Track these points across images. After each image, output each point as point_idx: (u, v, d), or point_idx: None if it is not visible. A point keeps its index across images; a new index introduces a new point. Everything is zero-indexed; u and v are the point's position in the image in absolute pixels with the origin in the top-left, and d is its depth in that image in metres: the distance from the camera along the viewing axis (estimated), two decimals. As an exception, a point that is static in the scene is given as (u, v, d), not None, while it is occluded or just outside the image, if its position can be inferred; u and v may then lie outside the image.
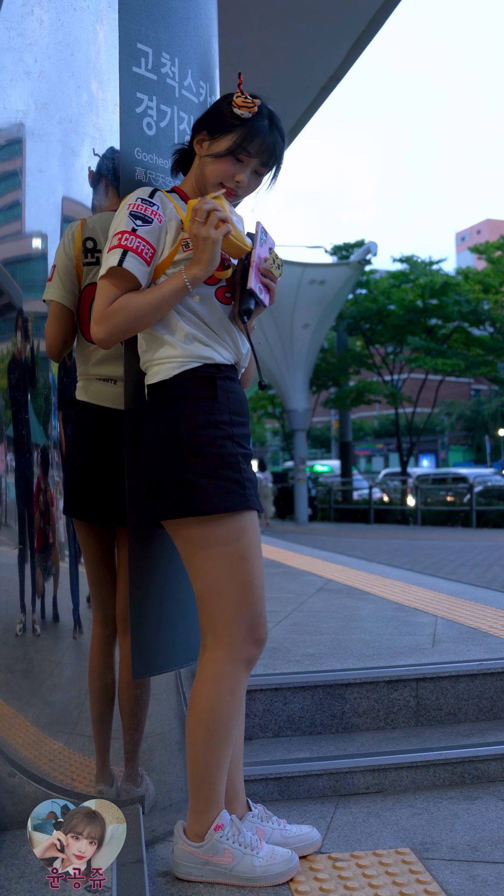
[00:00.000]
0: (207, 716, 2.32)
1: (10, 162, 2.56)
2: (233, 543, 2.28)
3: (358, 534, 18.01)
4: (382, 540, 15.69)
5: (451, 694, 3.51)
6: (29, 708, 2.54)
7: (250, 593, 2.31)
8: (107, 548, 2.56)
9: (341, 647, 4.03)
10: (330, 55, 8.19)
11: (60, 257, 2.53)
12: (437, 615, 5.02)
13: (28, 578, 2.56)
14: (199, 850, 2.32)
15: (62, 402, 2.57)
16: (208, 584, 2.30)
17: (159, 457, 2.28)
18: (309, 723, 3.39)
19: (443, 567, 9.80)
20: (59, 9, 2.57)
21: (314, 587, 6.51)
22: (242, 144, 2.31)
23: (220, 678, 2.31)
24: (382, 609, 5.36)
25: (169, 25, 2.70)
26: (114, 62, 2.59)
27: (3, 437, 2.58)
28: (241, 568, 2.29)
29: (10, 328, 2.57)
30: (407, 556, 11.48)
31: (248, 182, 2.39)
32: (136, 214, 2.26)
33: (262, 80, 8.35)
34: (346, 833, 2.69)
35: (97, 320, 2.23)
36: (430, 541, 15.13)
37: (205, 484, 2.25)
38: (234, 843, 2.33)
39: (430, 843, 2.59)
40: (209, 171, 2.35)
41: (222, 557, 2.28)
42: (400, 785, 3.05)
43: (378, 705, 3.45)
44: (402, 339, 25.73)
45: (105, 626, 2.56)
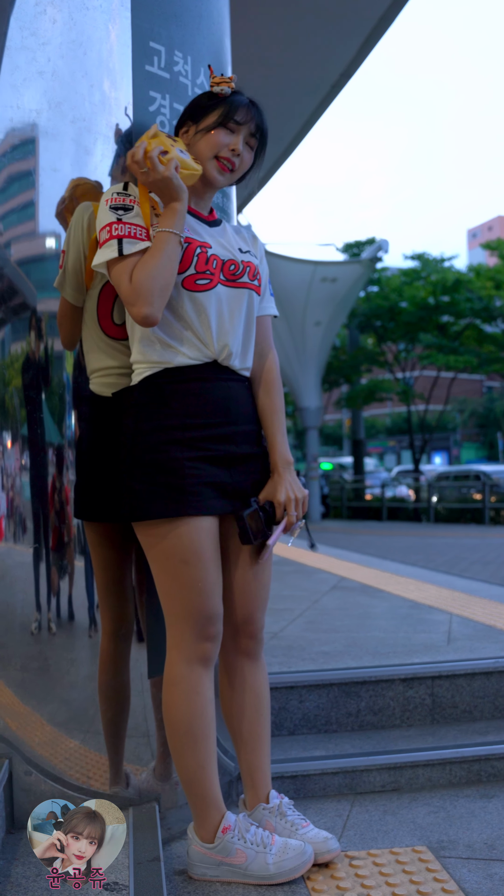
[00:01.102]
0: (175, 720, 2.33)
1: (23, 161, 2.56)
2: (172, 548, 2.29)
3: (371, 531, 17.99)
4: (395, 538, 15.67)
5: (467, 692, 3.51)
6: (45, 706, 2.55)
7: (196, 595, 2.30)
8: (120, 547, 2.54)
9: (356, 645, 4.02)
10: (340, 53, 8.18)
11: (71, 246, 2.45)
12: (452, 613, 5.01)
13: (43, 577, 2.56)
14: (211, 852, 2.32)
15: (77, 399, 2.57)
16: (158, 586, 2.35)
17: (120, 461, 2.36)
18: (324, 721, 3.38)
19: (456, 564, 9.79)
20: (71, 8, 2.56)
21: (328, 585, 6.50)
22: (229, 114, 2.34)
23: (179, 680, 2.32)
24: (397, 607, 5.36)
25: (182, 24, 2.70)
26: (126, 61, 2.59)
27: (19, 436, 2.58)
28: (183, 571, 2.29)
29: (25, 327, 2.57)
30: (420, 554, 11.46)
31: (243, 153, 2.39)
32: (115, 206, 2.29)
33: (273, 77, 8.34)
34: (362, 831, 2.68)
35: (131, 302, 2.21)
36: (443, 538, 15.10)
37: (140, 489, 2.30)
38: (245, 843, 2.32)
39: (447, 842, 2.59)
40: (202, 147, 2.35)
41: (163, 561, 2.31)
42: (416, 783, 3.05)
43: (393, 703, 3.45)
44: (414, 337, 25.68)
45: (117, 625, 2.56)
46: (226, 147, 2.35)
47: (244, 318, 2.40)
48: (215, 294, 2.33)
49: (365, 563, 8.39)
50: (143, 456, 2.30)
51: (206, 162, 2.35)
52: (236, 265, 2.38)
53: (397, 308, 25.33)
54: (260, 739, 2.52)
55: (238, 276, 2.38)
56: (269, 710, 2.54)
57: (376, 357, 27.14)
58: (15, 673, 2.56)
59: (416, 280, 25.42)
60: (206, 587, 2.31)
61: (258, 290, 2.45)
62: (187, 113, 2.40)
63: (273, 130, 2.44)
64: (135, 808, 2.54)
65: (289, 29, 7.51)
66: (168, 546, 2.29)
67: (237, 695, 2.52)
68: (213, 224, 2.46)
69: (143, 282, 2.20)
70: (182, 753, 2.33)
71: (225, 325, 2.35)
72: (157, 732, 2.60)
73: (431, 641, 4.08)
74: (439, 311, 24.96)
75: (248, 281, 2.40)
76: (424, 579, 6.77)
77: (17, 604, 2.57)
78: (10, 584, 2.59)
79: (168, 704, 2.34)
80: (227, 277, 2.36)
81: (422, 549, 12.46)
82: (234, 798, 2.85)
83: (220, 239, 2.42)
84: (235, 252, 2.41)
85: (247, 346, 2.43)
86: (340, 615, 5.05)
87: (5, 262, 2.59)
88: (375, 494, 25.17)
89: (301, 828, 2.45)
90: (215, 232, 2.44)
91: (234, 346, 2.37)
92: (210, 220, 2.46)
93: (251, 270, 2.42)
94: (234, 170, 2.39)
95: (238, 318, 2.38)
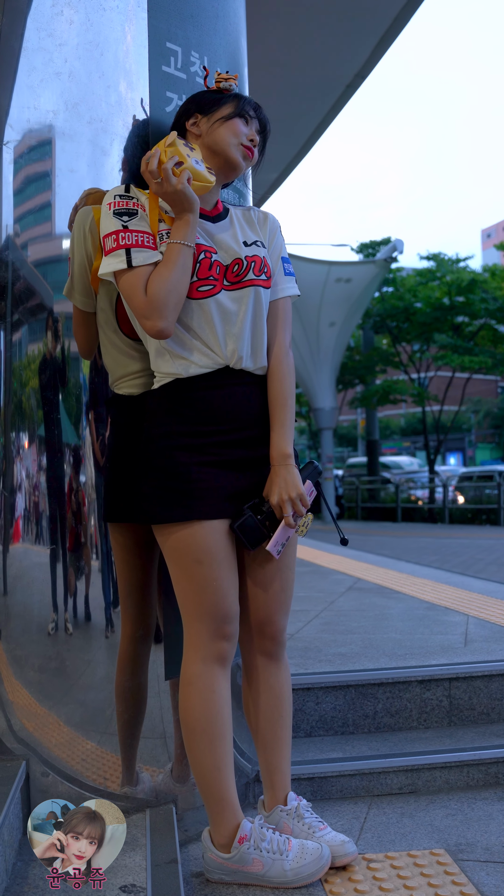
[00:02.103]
0: (191, 720, 2.33)
1: (40, 163, 2.56)
2: (186, 548, 2.31)
3: (385, 532, 17.95)
4: (410, 538, 15.63)
5: (485, 693, 3.49)
6: (62, 707, 2.55)
7: (210, 594, 2.31)
8: (144, 550, 2.54)
9: (373, 647, 4.01)
10: (355, 53, 8.19)
11: (75, 252, 2.44)
12: (469, 614, 4.99)
13: (60, 578, 2.56)
14: (228, 861, 2.31)
15: (94, 400, 2.57)
16: (174, 586, 2.36)
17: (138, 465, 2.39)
18: (341, 722, 3.37)
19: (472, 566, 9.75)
20: (88, 9, 2.57)
21: (344, 586, 6.49)
22: (245, 106, 2.38)
23: (195, 679, 2.32)
24: (413, 608, 5.34)
25: (198, 24, 2.69)
26: (142, 62, 2.59)
27: (35, 437, 2.58)
28: (198, 571, 2.30)
29: (42, 328, 2.57)
30: (435, 555, 11.42)
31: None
32: (119, 212, 2.27)
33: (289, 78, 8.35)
34: (379, 834, 2.67)
35: (145, 316, 2.20)
36: (458, 539, 15.05)
37: (150, 493, 2.33)
38: (262, 852, 2.31)
39: (465, 845, 2.57)
40: (225, 133, 2.35)
41: (178, 560, 2.32)
42: (433, 785, 3.03)
43: (411, 705, 3.44)
44: (428, 337, 25.59)
45: (137, 628, 2.56)
46: (245, 135, 2.36)
47: (251, 319, 2.36)
48: (217, 300, 2.31)
49: (380, 563, 8.37)
50: (153, 461, 2.32)
51: (231, 147, 2.35)
52: (240, 264, 2.34)
53: (412, 308, 25.25)
54: (279, 741, 2.51)
55: (241, 275, 2.34)
56: (290, 713, 2.53)
57: (391, 357, 27.07)
58: (32, 674, 2.56)
59: (431, 280, 25.34)
60: (221, 586, 2.31)
61: (264, 283, 2.39)
62: (194, 105, 2.40)
63: (288, 130, 2.45)
64: (152, 810, 2.54)
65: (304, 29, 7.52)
66: (181, 546, 2.30)
67: (257, 696, 2.51)
68: (217, 218, 2.42)
69: (159, 296, 2.19)
70: (197, 754, 2.32)
71: (231, 330, 2.33)
72: (175, 734, 2.60)
73: (448, 643, 4.07)
74: (454, 312, 24.87)
75: (254, 277, 2.36)
76: (440, 580, 6.74)
77: (34, 605, 2.57)
78: (27, 585, 2.59)
79: (184, 704, 2.33)
80: (230, 281, 2.34)
81: (437, 550, 12.42)
82: (252, 800, 2.84)
83: (223, 235, 2.38)
84: (239, 248, 2.37)
85: (257, 345, 2.39)
86: (356, 616, 5.03)
87: (22, 263, 2.59)
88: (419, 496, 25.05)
89: (318, 830, 2.44)
90: (220, 227, 2.40)
91: (243, 348, 2.35)
92: (214, 215, 2.42)
93: (257, 264, 2.37)
94: (252, 158, 2.40)
95: (244, 321, 2.34)
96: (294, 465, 2.37)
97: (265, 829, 2.35)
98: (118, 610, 2.56)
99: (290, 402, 2.41)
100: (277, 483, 2.33)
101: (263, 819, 2.50)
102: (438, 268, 25.51)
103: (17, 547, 2.60)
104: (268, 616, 2.46)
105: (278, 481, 2.33)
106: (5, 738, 2.56)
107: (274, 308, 2.46)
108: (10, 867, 2.20)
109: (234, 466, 2.34)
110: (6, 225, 2.60)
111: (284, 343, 2.45)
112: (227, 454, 2.33)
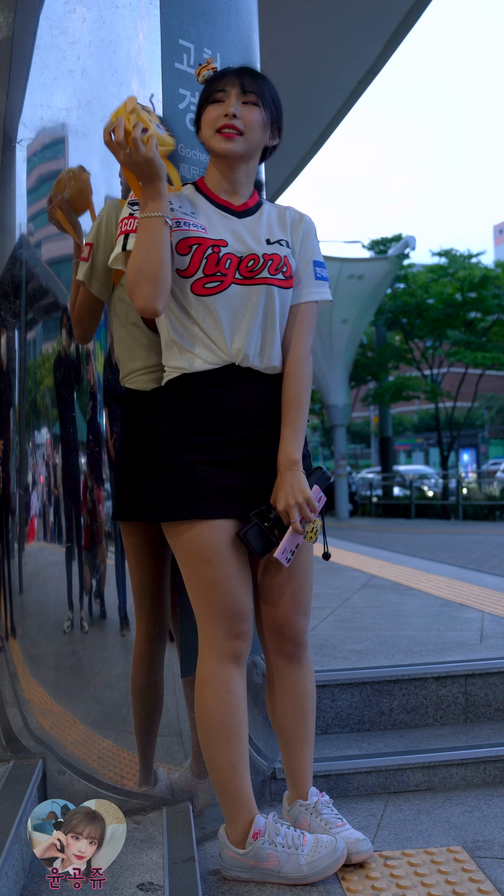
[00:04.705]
0: (206, 718, 2.32)
1: (54, 161, 2.56)
2: (194, 547, 2.30)
3: (399, 529, 17.93)
4: (424, 535, 15.61)
5: (501, 690, 3.48)
6: (78, 705, 2.55)
7: (220, 593, 2.29)
8: (156, 548, 2.54)
9: (388, 644, 4.00)
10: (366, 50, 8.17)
11: (103, 241, 2.43)
12: (484, 610, 4.97)
13: (76, 576, 2.57)
14: (244, 857, 2.31)
15: (108, 398, 2.57)
16: (186, 585, 2.36)
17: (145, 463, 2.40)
18: (357, 720, 3.37)
19: (486, 562, 9.74)
20: (100, 6, 2.57)
21: (358, 583, 6.48)
22: (211, 89, 2.32)
23: (210, 677, 2.31)
24: (428, 605, 5.33)
25: (210, 21, 2.69)
26: (155, 59, 2.58)
27: (50, 435, 2.58)
28: (207, 570, 2.29)
29: (56, 326, 2.57)
30: (450, 552, 11.40)
31: (244, 113, 2.29)
32: (132, 202, 2.29)
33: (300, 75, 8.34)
34: (396, 831, 2.67)
35: (130, 297, 2.20)
36: (471, 535, 15.02)
37: (155, 492, 2.33)
38: (277, 847, 2.30)
39: (483, 842, 2.56)
40: (204, 130, 2.33)
41: (187, 559, 2.32)
42: (450, 782, 3.03)
43: (427, 702, 3.43)
44: (441, 333, 25.51)
45: (152, 627, 2.56)
46: (220, 117, 2.29)
47: (260, 317, 2.32)
48: (226, 296, 2.28)
49: (395, 560, 8.36)
50: (158, 459, 2.32)
51: (211, 141, 2.31)
52: (255, 260, 2.30)
53: (424, 305, 25.17)
54: (301, 740, 2.51)
55: (256, 271, 2.30)
56: (312, 712, 2.52)
57: (403, 354, 26.99)
58: (48, 672, 2.56)
59: (443, 277, 25.25)
60: (231, 585, 2.30)
61: (282, 283, 2.33)
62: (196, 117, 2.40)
63: (300, 127, 2.43)
64: (168, 808, 2.54)
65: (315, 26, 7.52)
66: (189, 546, 2.30)
67: (278, 696, 2.51)
68: (245, 213, 2.37)
69: (130, 275, 2.19)
70: (213, 752, 2.32)
71: (238, 327, 2.29)
72: (191, 732, 2.60)
73: (464, 639, 4.06)
74: (467, 308, 24.77)
75: (269, 276, 2.30)
76: (455, 577, 6.73)
77: (49, 603, 2.57)
78: (43, 583, 2.59)
79: (199, 702, 2.33)
80: (242, 275, 2.29)
81: (451, 547, 12.40)
82: (268, 798, 2.84)
83: (244, 231, 2.34)
84: (259, 245, 2.33)
85: (267, 345, 2.34)
86: (371, 613, 5.03)
87: (36, 261, 2.59)
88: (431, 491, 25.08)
89: (335, 827, 2.44)
90: (245, 223, 2.35)
91: (250, 347, 2.31)
92: (241, 210, 2.37)
93: (274, 263, 2.31)
94: (244, 132, 2.30)
95: (253, 318, 2.30)
96: (300, 470, 2.32)
97: (279, 824, 2.34)
98: (133, 608, 2.56)
99: (303, 409, 2.36)
100: (283, 489, 2.29)
101: (285, 812, 2.52)
102: (450, 264, 25.43)
103: (32, 545, 2.60)
104: (285, 618, 2.44)
105: (284, 487, 2.30)
106: (22, 737, 2.56)
107: (297, 311, 2.40)
108: (27, 865, 2.20)
109: (240, 466, 2.32)
110: (20, 223, 2.60)
111: (304, 347, 2.39)
112: (232, 453, 2.31)
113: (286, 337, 2.39)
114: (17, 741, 2.56)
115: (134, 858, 2.26)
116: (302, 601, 2.45)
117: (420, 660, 3.59)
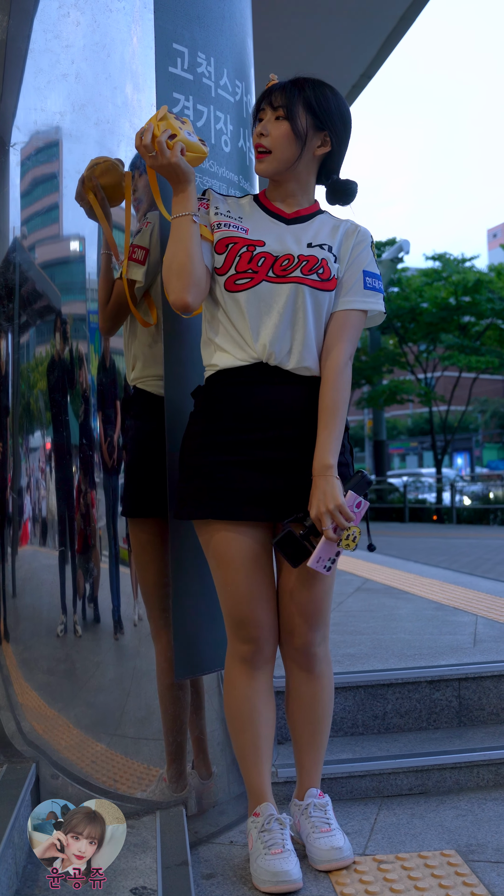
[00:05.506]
0: (225, 709, 2.49)
1: (47, 165, 2.56)
2: (209, 549, 2.38)
3: (393, 532, 17.94)
4: (418, 539, 15.62)
5: (494, 694, 3.48)
6: (71, 710, 2.54)
7: (227, 598, 2.37)
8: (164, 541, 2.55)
9: (382, 647, 4.00)
10: (361, 53, 8.17)
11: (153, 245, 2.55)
12: (478, 614, 4.97)
13: (69, 580, 2.56)
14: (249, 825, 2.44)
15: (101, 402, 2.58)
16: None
17: None
18: (350, 723, 3.37)
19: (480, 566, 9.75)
20: (94, 10, 2.57)
21: (352, 587, 6.48)
22: (257, 108, 2.42)
23: (226, 672, 2.46)
24: (422, 608, 5.33)
25: (204, 25, 2.69)
26: (149, 63, 2.59)
27: (44, 439, 2.58)
28: (217, 573, 2.38)
29: (50, 330, 2.57)
30: (444, 555, 11.41)
31: (272, 129, 2.35)
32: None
33: (294, 78, 8.32)
34: (389, 834, 2.67)
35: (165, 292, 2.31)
36: (466, 539, 15.04)
37: (180, 490, 2.38)
38: (254, 837, 2.37)
39: (476, 845, 2.56)
40: None
41: (208, 559, 2.42)
42: (443, 786, 3.03)
43: (420, 706, 3.43)
44: (435, 337, 25.55)
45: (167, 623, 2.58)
46: (258, 136, 2.38)
47: (289, 315, 2.30)
48: (255, 292, 2.29)
49: (388, 564, 8.36)
50: (185, 458, 2.38)
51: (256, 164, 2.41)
52: (290, 259, 2.30)
53: (418, 309, 25.22)
54: (308, 745, 2.55)
55: (289, 270, 2.30)
56: (321, 721, 2.54)
57: (397, 358, 27.03)
58: (41, 676, 2.56)
59: (437, 281, 25.30)
60: (238, 590, 2.32)
61: (316, 283, 2.30)
62: None
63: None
64: (162, 812, 2.54)
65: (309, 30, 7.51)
66: (208, 546, 2.38)
67: (290, 700, 2.56)
68: (296, 220, 2.41)
69: (164, 272, 2.30)
70: (232, 740, 2.50)
71: (265, 323, 2.30)
72: (172, 737, 2.60)
73: (457, 643, 4.06)
74: (460, 312, 24.82)
75: (301, 275, 2.30)
76: (449, 581, 6.73)
77: (42, 607, 2.56)
78: (36, 587, 2.58)
79: (224, 693, 2.49)
80: (275, 273, 2.30)
81: (445, 551, 12.41)
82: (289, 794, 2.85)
83: (288, 235, 2.36)
84: (299, 247, 2.34)
85: (298, 345, 2.31)
86: (365, 617, 5.02)
87: (29, 265, 2.59)
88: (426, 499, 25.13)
89: (318, 832, 2.44)
90: (293, 229, 2.38)
91: (277, 345, 2.30)
92: (292, 217, 2.41)
93: (309, 264, 2.30)
94: (272, 150, 2.35)
95: (281, 316, 2.29)
96: (334, 475, 2.27)
97: (273, 824, 2.36)
98: (127, 612, 2.56)
99: (339, 414, 2.31)
100: (316, 495, 2.26)
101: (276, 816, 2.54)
102: (444, 268, 25.48)
103: (25, 549, 2.59)
104: (293, 627, 2.44)
105: (317, 493, 2.26)
106: (15, 741, 2.56)
107: (340, 317, 2.38)
108: (20, 870, 2.20)
109: (265, 468, 2.31)
110: (13, 227, 2.59)
111: (344, 354, 2.35)
112: (258, 454, 2.30)
113: (327, 342, 2.37)
114: (10, 745, 2.56)
115: (127, 862, 2.26)
116: (313, 612, 2.42)
117: (414, 663, 3.59)
